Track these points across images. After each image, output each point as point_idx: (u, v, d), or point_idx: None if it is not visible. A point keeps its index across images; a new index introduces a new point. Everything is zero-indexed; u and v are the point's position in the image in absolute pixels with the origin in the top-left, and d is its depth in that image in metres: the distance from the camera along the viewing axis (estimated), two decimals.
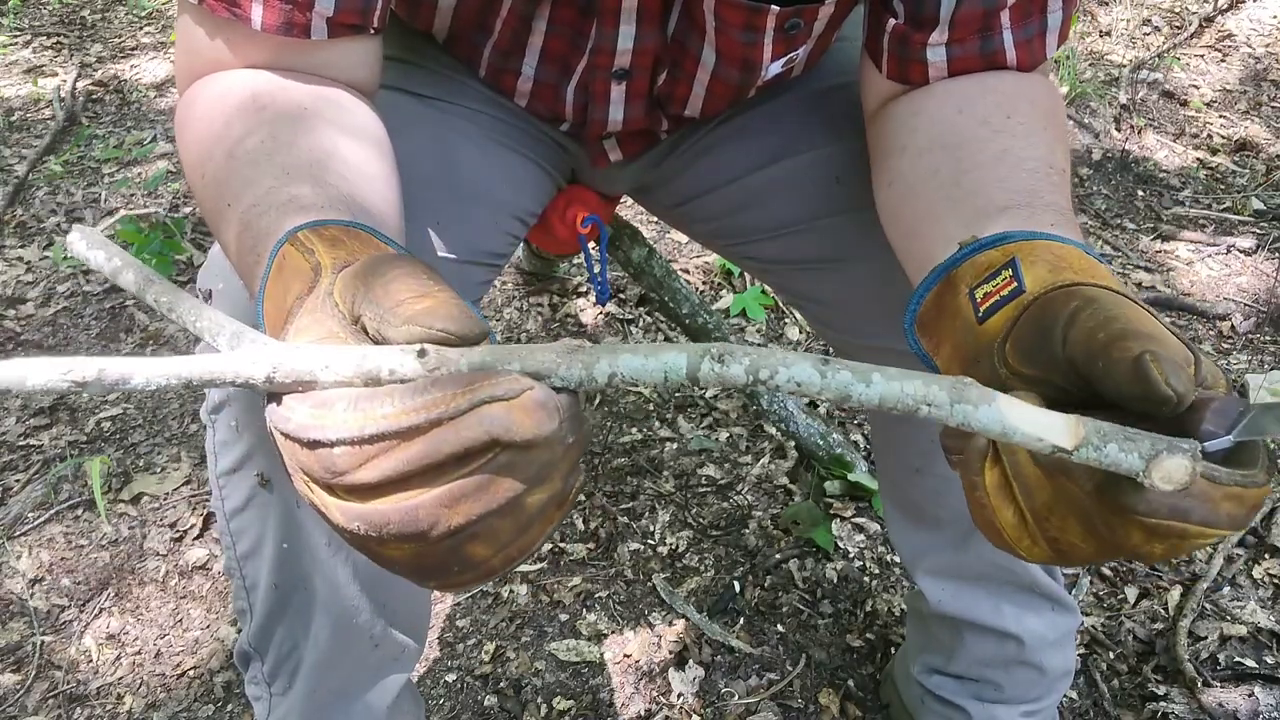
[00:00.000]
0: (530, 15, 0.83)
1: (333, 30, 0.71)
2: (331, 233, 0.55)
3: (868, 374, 0.43)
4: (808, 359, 0.43)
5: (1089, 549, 0.48)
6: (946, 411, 0.43)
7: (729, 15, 0.80)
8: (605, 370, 0.43)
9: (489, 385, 0.41)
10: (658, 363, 0.43)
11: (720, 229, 1.03)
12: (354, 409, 0.41)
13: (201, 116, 0.71)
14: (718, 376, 0.43)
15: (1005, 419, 0.43)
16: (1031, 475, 0.48)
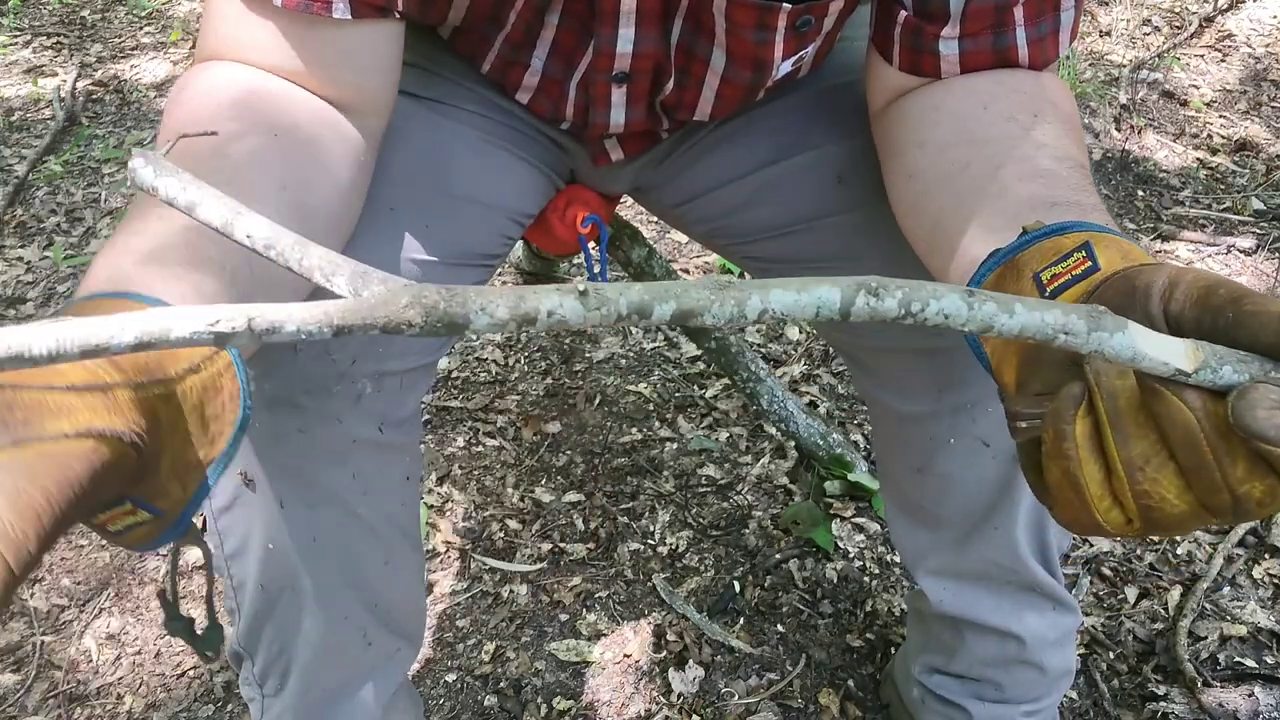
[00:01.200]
0: (544, 8, 0.83)
1: (356, 9, 0.71)
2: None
3: (1010, 304, 0.43)
4: (956, 291, 0.43)
5: (1181, 504, 0.46)
6: (1083, 339, 0.43)
7: (740, 15, 0.80)
8: (757, 306, 0.42)
9: None
10: (810, 297, 0.42)
11: (721, 228, 1.03)
12: None
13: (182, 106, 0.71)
14: (871, 310, 0.43)
15: (1137, 344, 0.44)
16: (1131, 422, 0.47)
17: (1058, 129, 0.72)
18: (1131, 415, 0.46)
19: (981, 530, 1.00)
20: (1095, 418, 0.48)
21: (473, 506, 1.57)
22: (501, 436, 1.70)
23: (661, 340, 1.91)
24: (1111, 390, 0.47)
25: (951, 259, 0.68)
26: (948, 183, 0.73)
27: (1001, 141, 0.72)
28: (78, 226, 2.27)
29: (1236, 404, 0.42)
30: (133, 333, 0.36)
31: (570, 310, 0.40)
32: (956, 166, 0.72)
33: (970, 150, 0.73)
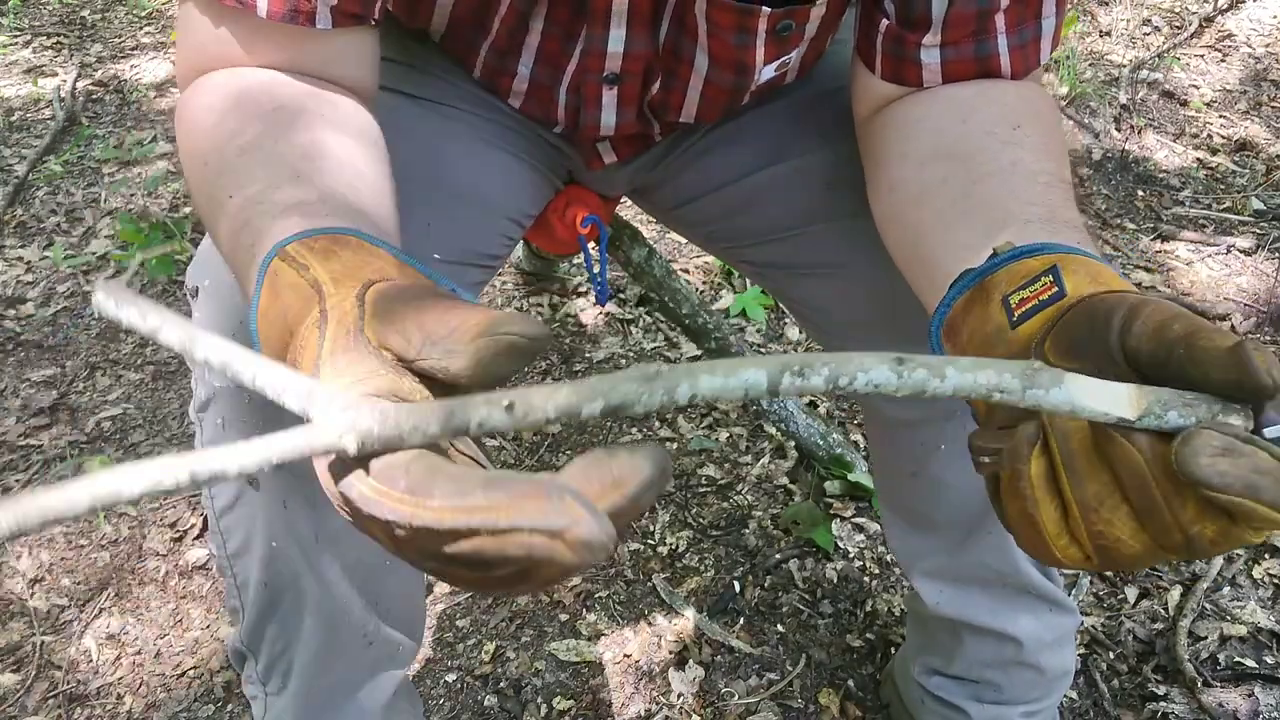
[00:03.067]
0: (528, 14, 0.83)
1: (336, 19, 0.72)
2: (321, 244, 0.54)
3: (941, 369, 0.44)
4: (884, 362, 0.44)
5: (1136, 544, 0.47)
6: (1019, 396, 0.44)
7: (720, 18, 0.80)
8: (686, 393, 0.43)
9: (534, 512, 0.39)
10: (738, 381, 0.43)
11: (716, 232, 1.03)
12: (409, 494, 0.41)
13: (203, 108, 0.71)
14: (799, 388, 0.44)
15: (1074, 398, 0.44)
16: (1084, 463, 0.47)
17: (1037, 140, 0.73)
18: (1085, 456, 0.47)
19: (976, 534, 1.00)
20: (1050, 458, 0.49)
21: None
22: (501, 436, 1.70)
23: (662, 340, 1.91)
24: (1064, 431, 0.48)
25: (927, 274, 0.69)
26: (926, 197, 0.73)
27: (980, 155, 0.72)
28: (78, 226, 2.27)
29: (1180, 450, 0.43)
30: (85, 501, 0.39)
31: (499, 420, 0.42)
32: (935, 180, 0.73)
33: (949, 165, 0.73)
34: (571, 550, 0.38)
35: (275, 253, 0.54)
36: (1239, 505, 0.43)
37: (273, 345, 0.53)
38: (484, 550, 0.40)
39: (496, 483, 0.40)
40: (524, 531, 0.39)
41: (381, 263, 0.54)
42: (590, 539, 0.38)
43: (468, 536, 0.40)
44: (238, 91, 0.70)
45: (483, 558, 0.40)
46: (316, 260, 0.53)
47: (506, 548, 0.39)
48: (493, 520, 0.39)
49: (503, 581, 0.42)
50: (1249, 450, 0.43)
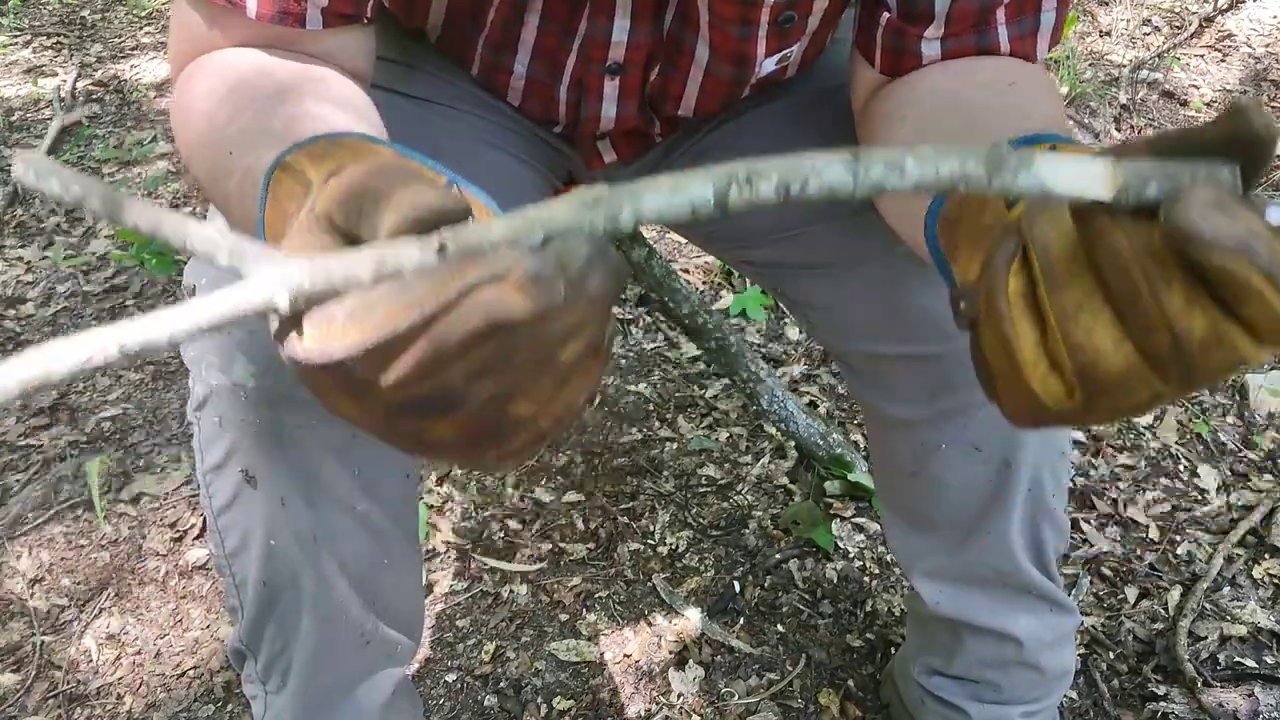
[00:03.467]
0: (523, 6, 0.83)
1: (327, 20, 0.72)
2: (319, 148, 0.54)
3: (900, 161, 0.40)
4: (838, 160, 0.40)
5: (1118, 358, 0.42)
6: (985, 183, 0.40)
7: (723, 9, 0.80)
8: (630, 216, 0.40)
9: (474, 269, 0.38)
10: (683, 197, 0.40)
11: (717, 232, 1.03)
12: (351, 322, 0.40)
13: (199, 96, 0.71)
14: (748, 200, 0.40)
15: (1045, 179, 0.40)
16: (1064, 269, 0.43)
17: (1034, 93, 0.73)
18: (1065, 263, 0.43)
19: (976, 534, 1.00)
20: (1030, 274, 0.45)
21: (473, 506, 1.57)
22: None
23: (662, 340, 1.91)
24: (1045, 240, 0.44)
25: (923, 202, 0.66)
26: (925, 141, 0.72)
27: (979, 102, 0.73)
28: (78, 226, 2.27)
29: (1170, 208, 0.39)
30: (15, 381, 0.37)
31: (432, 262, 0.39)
32: (934, 128, 0.73)
33: (948, 114, 0.73)
34: (520, 290, 0.38)
35: (276, 164, 0.54)
36: (1233, 271, 0.38)
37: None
38: (446, 338, 0.39)
39: (433, 272, 0.39)
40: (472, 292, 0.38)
41: (381, 157, 0.52)
42: (537, 270, 0.38)
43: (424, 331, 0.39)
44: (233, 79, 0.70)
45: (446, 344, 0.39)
46: (311, 164, 0.52)
47: (464, 320, 0.38)
48: (441, 296, 0.38)
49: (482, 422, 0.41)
50: (1244, 211, 0.38)
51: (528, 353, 0.40)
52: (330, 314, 0.40)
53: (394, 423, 0.42)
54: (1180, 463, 1.61)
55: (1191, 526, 1.51)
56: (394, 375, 0.40)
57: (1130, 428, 1.68)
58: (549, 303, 0.39)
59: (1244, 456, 1.62)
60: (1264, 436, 1.64)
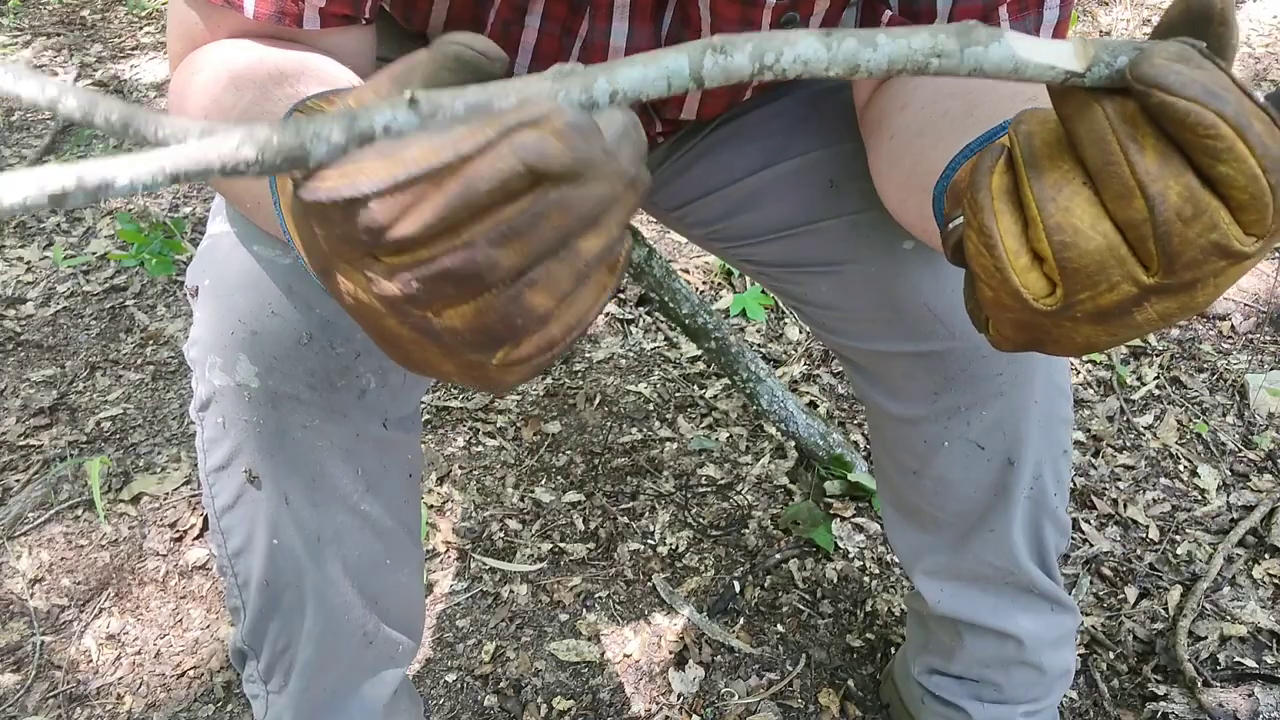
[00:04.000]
0: (524, 8, 0.83)
1: (325, 20, 0.72)
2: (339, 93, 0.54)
3: (872, 38, 0.40)
4: (811, 35, 0.40)
5: (1096, 236, 0.43)
6: (958, 59, 0.41)
7: (724, 10, 0.80)
8: (605, 89, 0.39)
9: (516, 113, 0.37)
10: (659, 69, 0.40)
11: (717, 232, 1.03)
12: (381, 158, 0.38)
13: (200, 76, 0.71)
14: (723, 70, 0.40)
15: (1016, 53, 0.41)
16: (1045, 156, 0.44)
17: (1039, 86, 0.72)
18: (1046, 148, 0.44)
19: (977, 532, 1.00)
20: (1015, 173, 0.46)
21: (473, 506, 1.57)
22: (501, 436, 1.70)
23: (662, 340, 1.91)
24: (1028, 132, 0.45)
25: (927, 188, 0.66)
26: (927, 127, 0.72)
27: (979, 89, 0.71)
28: (78, 226, 2.27)
29: (1136, 61, 0.39)
30: None
31: (405, 120, 0.38)
32: (937, 114, 0.72)
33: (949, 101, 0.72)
34: (559, 135, 0.37)
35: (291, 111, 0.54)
36: (1199, 118, 0.39)
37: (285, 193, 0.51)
38: (478, 182, 0.37)
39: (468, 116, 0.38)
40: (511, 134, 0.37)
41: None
42: (574, 120, 0.37)
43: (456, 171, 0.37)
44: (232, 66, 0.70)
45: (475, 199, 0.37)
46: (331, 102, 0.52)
47: (500, 161, 0.37)
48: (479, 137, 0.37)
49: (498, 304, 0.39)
50: (1208, 64, 0.39)
51: (556, 219, 0.38)
52: (358, 157, 0.38)
53: (402, 305, 0.40)
54: (1180, 463, 1.61)
55: (1191, 526, 1.51)
56: (417, 222, 0.38)
57: (1130, 428, 1.68)
58: (587, 155, 0.38)
59: (1244, 456, 1.62)
60: (1264, 436, 1.64)
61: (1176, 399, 1.73)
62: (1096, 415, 1.70)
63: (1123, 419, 1.70)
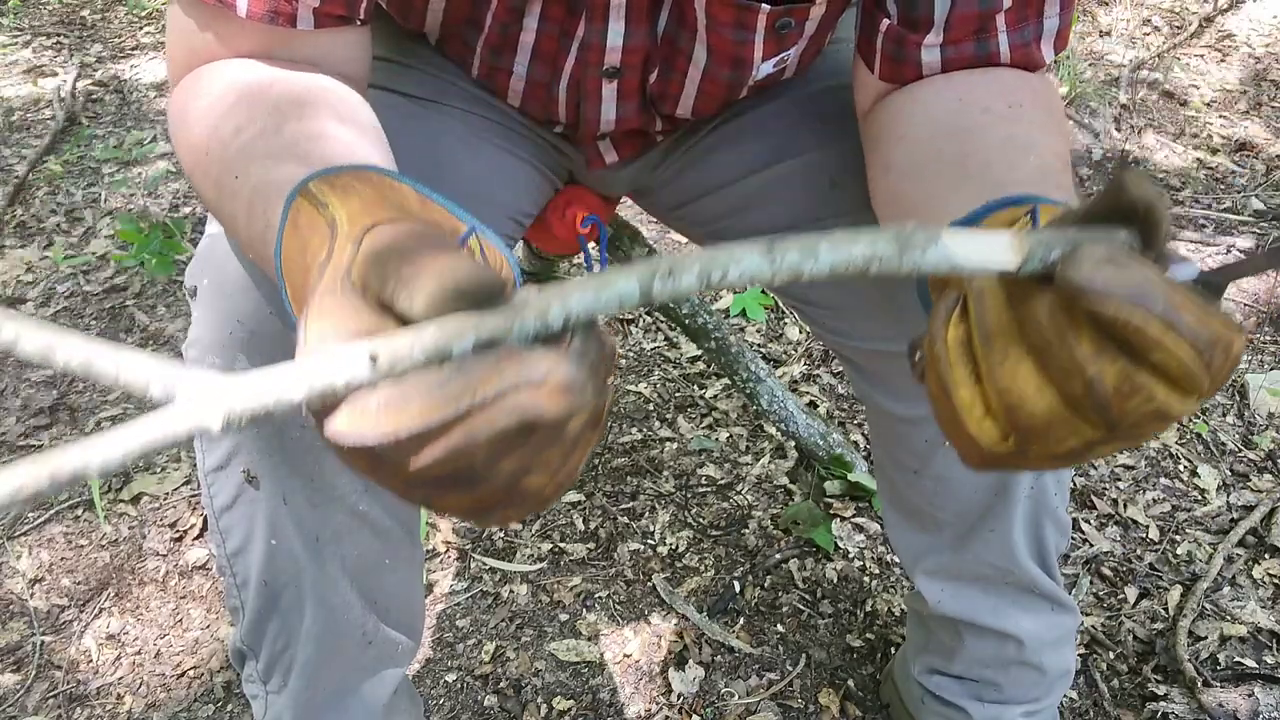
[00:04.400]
0: (521, 9, 0.83)
1: (319, 21, 0.72)
2: (343, 180, 0.54)
3: (814, 247, 0.42)
4: (754, 248, 0.42)
5: (1041, 402, 0.45)
6: (896, 262, 0.42)
7: (719, 13, 0.80)
8: (559, 315, 0.42)
9: (514, 370, 0.40)
10: (610, 294, 0.42)
11: (718, 231, 1.03)
12: (384, 411, 0.41)
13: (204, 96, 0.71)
14: (671, 291, 0.42)
15: (953, 255, 0.43)
16: (995, 319, 0.46)
17: (1035, 116, 0.73)
18: (995, 314, 0.46)
19: (978, 532, 1.00)
20: (968, 325, 0.48)
21: None
22: None
23: (662, 340, 1.91)
24: (980, 292, 0.47)
25: None
26: (921, 171, 0.73)
27: (975, 131, 0.72)
28: (78, 226, 2.27)
29: (1063, 264, 0.42)
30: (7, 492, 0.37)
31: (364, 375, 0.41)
32: (931, 156, 0.73)
33: (945, 141, 0.73)
34: (554, 395, 0.40)
35: (298, 190, 0.54)
36: (1128, 319, 0.41)
37: (294, 283, 0.53)
38: (475, 431, 0.40)
39: (466, 364, 0.40)
40: (509, 394, 0.40)
41: (401, 196, 0.54)
42: (569, 379, 0.40)
43: (456, 425, 0.40)
44: (238, 88, 0.70)
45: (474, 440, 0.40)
46: (336, 197, 0.52)
47: (498, 419, 0.40)
48: (479, 395, 0.40)
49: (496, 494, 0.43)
50: (1134, 263, 0.41)
51: (547, 437, 0.42)
52: (364, 401, 0.41)
53: (411, 491, 0.44)
54: (1180, 463, 1.61)
55: (1191, 526, 1.51)
56: (422, 461, 0.41)
57: None
58: (580, 406, 0.41)
59: (1244, 456, 1.62)
60: (1264, 436, 1.64)
61: None
62: None
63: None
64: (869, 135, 0.83)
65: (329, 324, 0.44)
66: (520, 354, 0.40)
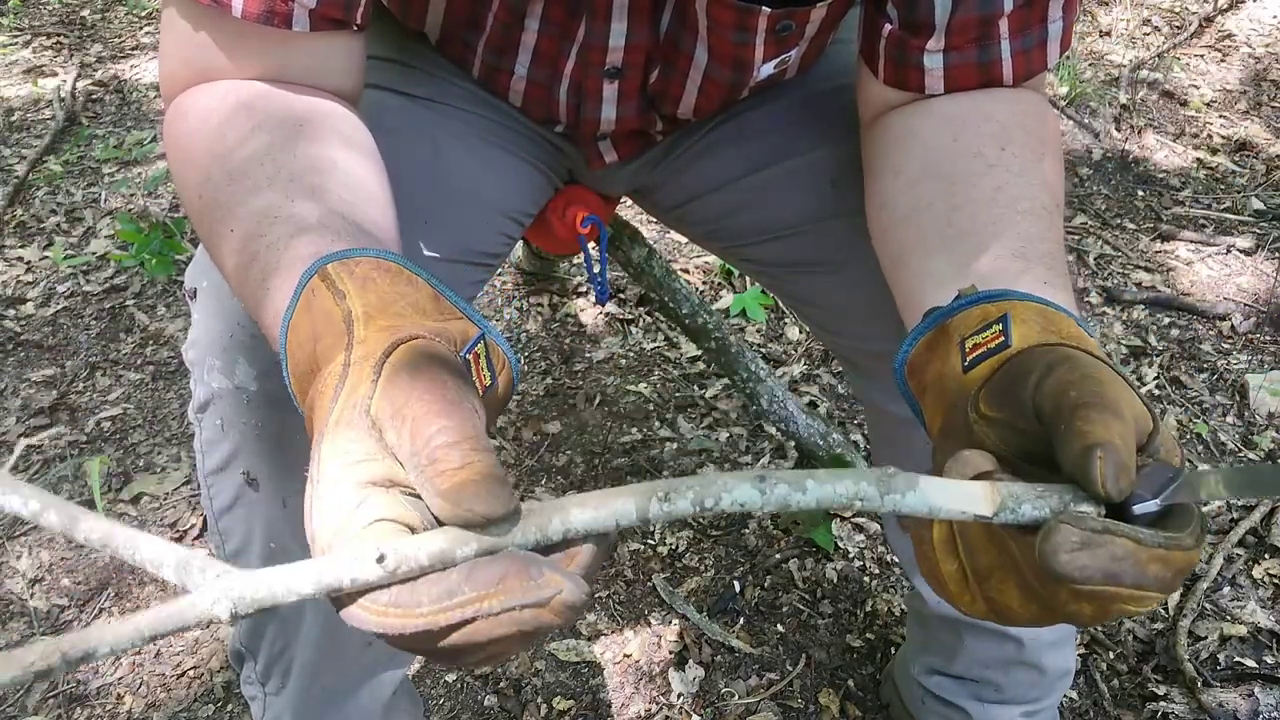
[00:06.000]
0: (522, 11, 0.83)
1: (314, 23, 0.71)
2: (363, 269, 0.55)
3: (802, 482, 0.46)
4: (747, 480, 0.46)
5: (1026, 613, 0.50)
6: (878, 503, 0.47)
7: (720, 15, 0.80)
8: (559, 529, 0.45)
9: (521, 589, 0.43)
10: (608, 512, 0.46)
11: (718, 231, 1.03)
12: (394, 609, 0.44)
13: (195, 131, 0.70)
14: (667, 514, 0.46)
15: (930, 500, 0.47)
16: (976, 537, 0.51)
17: (1024, 163, 0.73)
18: (986, 558, 0.50)
19: None
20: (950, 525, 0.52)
21: None
22: (502, 436, 1.70)
23: (662, 340, 1.91)
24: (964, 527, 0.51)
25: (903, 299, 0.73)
26: (912, 218, 0.75)
27: (964, 179, 0.73)
28: (78, 226, 2.27)
29: (1041, 549, 0.46)
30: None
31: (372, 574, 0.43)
32: (922, 203, 0.74)
33: (934, 186, 0.74)
34: (557, 614, 0.43)
35: (316, 270, 0.55)
36: (1103, 592, 0.46)
37: (298, 364, 0.54)
38: (477, 635, 0.43)
39: (476, 572, 0.44)
40: (514, 609, 0.43)
41: (417, 295, 0.55)
42: (574, 601, 0.43)
43: (460, 627, 0.43)
44: (236, 103, 0.70)
45: (476, 643, 0.44)
46: (354, 288, 0.54)
47: (498, 628, 0.43)
48: (485, 608, 0.43)
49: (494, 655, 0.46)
50: (1104, 539, 0.45)
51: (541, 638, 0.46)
52: (377, 595, 0.44)
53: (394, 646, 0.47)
54: None
55: None
56: (420, 647, 0.45)
57: None
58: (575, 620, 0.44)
59: (1244, 456, 1.62)
60: (1264, 436, 1.64)
61: (1176, 399, 1.73)
62: None
63: None
64: (868, 154, 0.83)
65: (344, 466, 0.47)
66: (528, 570, 0.43)
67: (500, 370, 0.56)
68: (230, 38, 0.71)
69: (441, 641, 0.44)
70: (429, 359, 0.50)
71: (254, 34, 0.71)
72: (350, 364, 0.50)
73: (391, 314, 0.53)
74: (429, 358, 0.50)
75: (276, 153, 0.66)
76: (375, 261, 0.56)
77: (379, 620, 0.44)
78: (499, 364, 0.56)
